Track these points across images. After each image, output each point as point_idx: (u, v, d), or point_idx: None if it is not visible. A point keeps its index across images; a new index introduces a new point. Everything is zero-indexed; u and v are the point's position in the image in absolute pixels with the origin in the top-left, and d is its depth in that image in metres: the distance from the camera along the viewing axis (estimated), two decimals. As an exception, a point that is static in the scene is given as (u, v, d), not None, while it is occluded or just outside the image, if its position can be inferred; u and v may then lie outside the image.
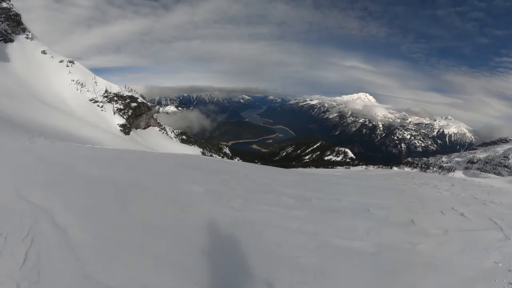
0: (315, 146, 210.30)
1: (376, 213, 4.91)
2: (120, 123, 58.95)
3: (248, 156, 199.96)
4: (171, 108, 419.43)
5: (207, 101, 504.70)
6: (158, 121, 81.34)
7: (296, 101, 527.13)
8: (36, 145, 11.15)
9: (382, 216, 4.77)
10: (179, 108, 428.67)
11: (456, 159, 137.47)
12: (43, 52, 64.98)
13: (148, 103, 77.28)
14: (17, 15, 65.52)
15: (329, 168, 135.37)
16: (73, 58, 68.37)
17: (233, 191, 5.82)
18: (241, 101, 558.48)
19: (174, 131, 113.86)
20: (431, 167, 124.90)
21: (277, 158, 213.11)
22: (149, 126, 73.19)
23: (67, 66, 64.68)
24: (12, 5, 65.10)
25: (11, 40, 61.73)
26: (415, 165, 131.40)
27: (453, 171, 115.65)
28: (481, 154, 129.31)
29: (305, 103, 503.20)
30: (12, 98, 32.53)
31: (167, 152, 14.01)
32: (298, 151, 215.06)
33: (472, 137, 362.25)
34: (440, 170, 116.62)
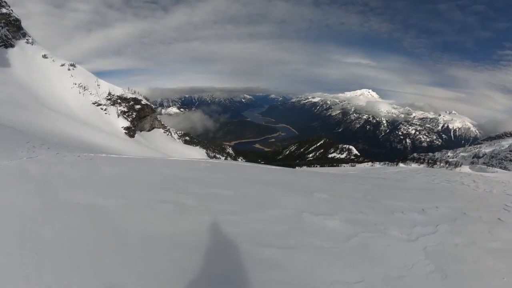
0: (318, 144, 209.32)
1: (471, 215, 4.99)
2: (124, 126, 58.35)
3: (251, 155, 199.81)
4: (173, 110, 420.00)
5: (209, 101, 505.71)
6: (162, 122, 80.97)
7: (298, 99, 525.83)
8: (38, 161, 8.19)
9: (477, 217, 4.88)
10: (181, 110, 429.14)
11: (462, 154, 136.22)
12: (44, 56, 64.54)
13: (152, 105, 76.86)
14: (17, 20, 65.04)
15: (334, 166, 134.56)
16: (74, 62, 68.12)
17: (366, 216, 4.53)
18: (243, 100, 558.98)
19: (177, 132, 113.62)
20: (437, 163, 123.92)
21: (280, 157, 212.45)
22: (153, 128, 72.65)
23: (69, 69, 64.24)
24: (12, 10, 64.72)
25: (12, 45, 61.28)
26: (421, 160, 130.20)
27: (460, 166, 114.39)
28: (486, 149, 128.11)
29: (307, 101, 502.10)
30: (12, 103, 32.08)
31: (203, 160, 11.85)
32: (302, 149, 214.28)
33: (477, 131, 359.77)
34: (447, 165, 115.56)
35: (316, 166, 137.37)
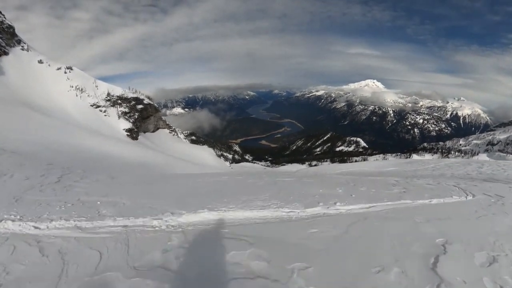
0: (325, 138, 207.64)
1: None
2: (126, 128, 55.67)
3: (259, 152, 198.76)
4: (178, 110, 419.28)
5: (213, 100, 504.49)
6: (167, 122, 78.05)
7: (302, 93, 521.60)
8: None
9: None
10: (186, 109, 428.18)
11: (475, 141, 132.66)
12: (40, 61, 62.40)
13: (156, 105, 73.98)
14: (11, 27, 62.92)
15: (345, 159, 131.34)
16: (71, 65, 66.07)
17: None
18: (246, 97, 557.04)
19: (183, 132, 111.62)
20: (451, 152, 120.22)
21: (288, 152, 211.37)
22: (158, 128, 69.71)
23: (65, 72, 62.05)
24: (4, 17, 62.51)
25: (6, 53, 59.26)
26: (434, 150, 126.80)
27: (477, 154, 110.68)
28: (500, 135, 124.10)
29: (311, 94, 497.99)
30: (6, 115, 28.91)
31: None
32: (308, 144, 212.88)
33: (487, 117, 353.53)
34: (462, 154, 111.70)
35: (326, 161, 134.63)
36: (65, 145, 16.81)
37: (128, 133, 54.21)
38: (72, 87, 58.97)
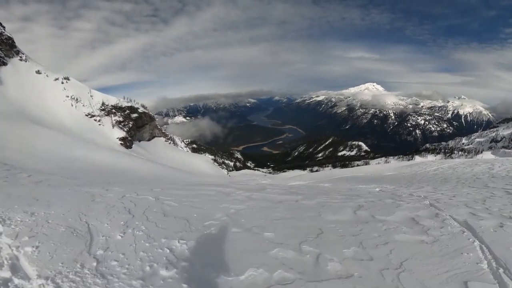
0: (327, 143, 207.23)
1: None
2: (120, 137, 55.46)
3: (261, 159, 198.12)
4: (179, 119, 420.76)
5: (214, 108, 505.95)
6: (163, 131, 77.64)
7: (302, 99, 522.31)
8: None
9: None
10: (187, 118, 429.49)
11: (478, 139, 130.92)
12: (37, 72, 62.73)
13: (151, 113, 73.57)
14: (10, 38, 63.50)
15: (347, 164, 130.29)
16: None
17: None
18: (247, 104, 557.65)
19: (184, 140, 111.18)
20: (455, 151, 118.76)
21: (290, 158, 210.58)
22: (154, 137, 69.47)
23: (62, 83, 62.39)
24: (4, 29, 63.11)
25: (4, 64, 59.70)
26: (437, 151, 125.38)
27: (481, 152, 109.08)
28: (504, 131, 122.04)
29: (311, 100, 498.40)
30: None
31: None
32: (310, 149, 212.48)
33: (490, 114, 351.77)
34: (466, 153, 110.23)
35: (328, 166, 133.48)
36: (45, 152, 16.36)
37: (122, 142, 53.95)
38: (68, 97, 59.20)
